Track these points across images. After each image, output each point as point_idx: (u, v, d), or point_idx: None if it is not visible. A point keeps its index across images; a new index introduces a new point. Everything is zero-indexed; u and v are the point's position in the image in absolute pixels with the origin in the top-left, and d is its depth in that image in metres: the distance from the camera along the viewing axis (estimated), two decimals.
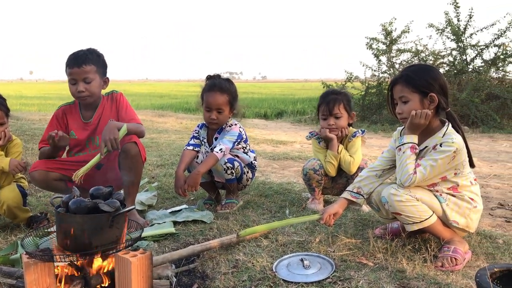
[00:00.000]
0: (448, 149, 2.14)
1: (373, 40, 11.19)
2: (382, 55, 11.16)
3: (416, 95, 2.23)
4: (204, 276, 2.10)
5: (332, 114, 3.13)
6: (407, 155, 2.21)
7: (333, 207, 2.44)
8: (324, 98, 3.20)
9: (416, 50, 10.75)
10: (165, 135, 7.92)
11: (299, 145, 7.20)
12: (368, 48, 11.23)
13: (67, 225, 1.77)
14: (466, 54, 10.26)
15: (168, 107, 16.71)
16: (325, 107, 3.16)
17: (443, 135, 2.21)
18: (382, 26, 11.08)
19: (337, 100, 3.13)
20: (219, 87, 3.10)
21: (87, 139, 2.92)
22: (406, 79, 2.25)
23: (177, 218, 2.88)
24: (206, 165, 3.00)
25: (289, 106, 16.92)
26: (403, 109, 2.27)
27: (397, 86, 2.29)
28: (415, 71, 2.28)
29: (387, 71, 11.21)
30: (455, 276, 2.02)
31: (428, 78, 2.23)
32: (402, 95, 2.26)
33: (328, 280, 1.99)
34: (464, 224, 2.24)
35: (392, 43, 11.03)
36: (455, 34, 10.06)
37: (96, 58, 2.84)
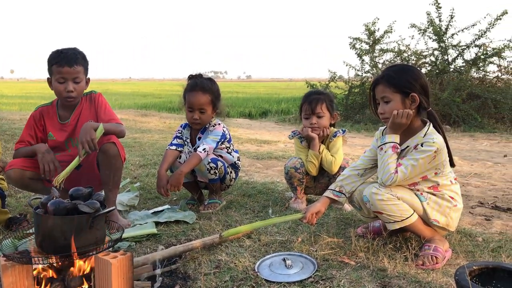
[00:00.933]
0: (429, 149, 2.17)
1: (356, 40, 11.25)
2: (365, 55, 11.21)
3: (397, 95, 2.25)
4: (186, 277, 2.09)
5: (315, 113, 3.15)
6: (389, 155, 2.23)
7: (316, 206, 2.44)
8: (307, 97, 3.22)
9: (399, 50, 10.83)
10: (148, 135, 7.87)
11: (283, 144, 7.21)
12: (351, 48, 11.30)
13: (46, 227, 1.75)
14: (448, 54, 10.38)
15: (151, 107, 16.60)
16: (307, 106, 3.17)
17: (424, 135, 2.23)
18: (365, 26, 11.14)
19: (319, 99, 3.15)
20: (201, 87, 3.09)
21: (66, 140, 2.88)
22: (388, 79, 2.27)
23: (159, 218, 2.86)
24: (189, 165, 2.98)
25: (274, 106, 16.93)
26: (385, 109, 2.29)
27: (379, 86, 2.31)
28: (396, 71, 2.30)
29: (370, 71, 11.27)
30: (435, 275, 2.04)
31: (409, 78, 2.25)
32: (384, 95, 2.28)
33: (310, 280, 2.00)
34: (445, 222, 2.27)
35: (375, 43, 11.11)
36: (437, 34, 10.17)
37: (83, 58, 2.81)
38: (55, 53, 2.76)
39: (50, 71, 2.78)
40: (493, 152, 6.43)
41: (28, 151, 2.81)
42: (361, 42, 11.23)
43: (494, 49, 9.86)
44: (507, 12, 9.70)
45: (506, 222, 2.95)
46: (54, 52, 2.77)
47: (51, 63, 2.76)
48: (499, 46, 9.79)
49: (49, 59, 2.77)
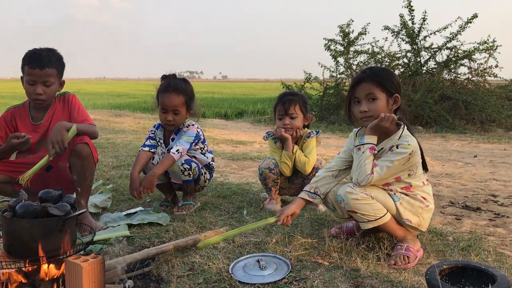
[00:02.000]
0: (404, 151, 2.20)
1: (331, 42, 11.37)
2: (340, 57, 11.34)
3: (384, 94, 2.28)
4: (159, 280, 2.06)
5: (288, 114, 3.16)
6: (366, 156, 2.25)
7: (290, 208, 2.45)
8: (280, 98, 3.23)
9: (373, 51, 10.99)
10: (122, 135, 7.77)
11: (259, 145, 7.21)
12: (326, 49, 11.40)
13: (14, 230, 1.71)
14: (420, 56, 10.58)
15: (125, 107, 16.42)
16: (281, 107, 3.19)
17: (399, 137, 2.26)
18: (340, 28, 11.26)
19: (293, 100, 3.17)
20: (175, 88, 3.06)
21: (38, 142, 2.82)
22: (375, 77, 2.28)
23: (132, 220, 2.82)
24: (162, 167, 2.95)
25: (250, 106, 16.95)
26: (370, 107, 2.28)
27: (364, 84, 2.30)
28: (381, 71, 2.35)
29: (345, 72, 11.40)
30: (407, 274, 2.06)
31: (394, 80, 2.30)
32: (370, 92, 2.28)
33: (284, 281, 2.00)
34: (417, 222, 2.30)
35: (349, 44, 11.24)
36: (410, 36, 10.35)
37: (57, 60, 2.76)
38: (29, 52, 2.70)
39: (23, 70, 2.72)
40: (464, 153, 6.58)
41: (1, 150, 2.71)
42: (335, 44, 11.35)
43: (465, 51, 10.11)
44: (477, 15, 9.95)
45: (475, 221, 3.02)
46: (29, 52, 2.71)
47: (24, 63, 2.70)
48: (469, 48, 10.05)
49: (23, 58, 2.71)
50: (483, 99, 9.81)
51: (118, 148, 6.08)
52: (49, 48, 2.77)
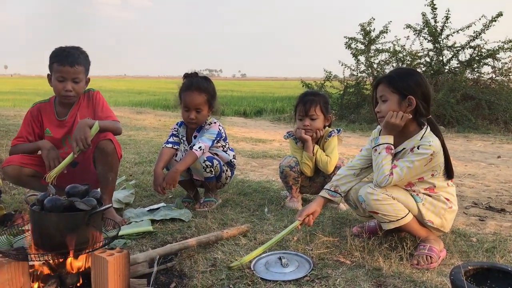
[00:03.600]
0: (425, 151, 2.17)
1: (352, 40, 11.28)
2: (361, 55, 11.25)
3: (395, 95, 2.25)
4: (182, 275, 2.09)
5: (308, 115, 3.15)
6: (383, 156, 2.24)
7: (311, 206, 2.44)
8: (301, 99, 3.22)
9: (394, 50, 10.86)
10: (143, 133, 7.85)
11: (278, 143, 7.21)
12: (347, 48, 11.32)
13: (42, 224, 1.74)
14: (443, 55, 10.43)
15: (146, 104, 16.56)
16: (301, 107, 3.18)
17: (421, 137, 2.24)
18: (361, 26, 11.17)
19: (313, 101, 3.15)
20: (197, 87, 3.08)
21: (63, 138, 2.87)
22: (389, 79, 2.29)
23: (155, 216, 2.85)
24: (185, 163, 2.98)
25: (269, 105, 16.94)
26: (381, 108, 2.31)
27: (380, 86, 2.33)
28: (399, 74, 2.32)
29: (366, 71, 11.32)
30: (430, 274, 2.05)
31: (410, 81, 2.25)
32: (382, 94, 2.29)
33: (306, 279, 2.00)
34: (439, 223, 2.28)
35: (370, 43, 11.14)
36: (432, 35, 10.21)
37: (84, 58, 2.81)
38: (58, 50, 2.75)
39: (51, 68, 2.77)
40: (487, 153, 6.48)
41: (29, 148, 2.80)
42: (356, 42, 11.26)
43: (489, 50, 9.93)
44: (502, 14, 9.76)
45: (500, 222, 2.97)
46: (57, 50, 2.76)
47: (53, 60, 2.75)
48: (493, 47, 9.87)
49: (51, 56, 2.76)
50: (507, 99, 9.64)
51: (140, 145, 6.14)
52: (75, 46, 2.82)
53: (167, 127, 9.01)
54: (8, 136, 6.06)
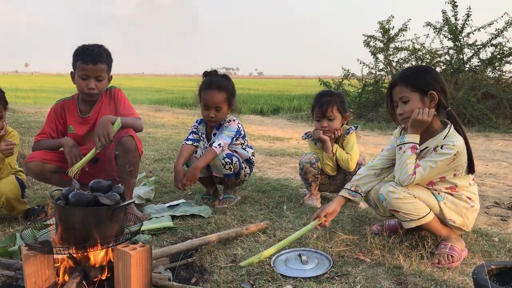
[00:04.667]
0: (448, 151, 2.15)
1: (371, 38, 11.20)
2: (379, 53, 11.16)
3: (416, 94, 2.23)
4: (203, 270, 2.11)
5: (326, 116, 3.14)
6: (408, 155, 2.22)
7: (331, 206, 2.42)
8: (317, 100, 3.20)
9: (413, 48, 10.75)
10: (162, 130, 7.91)
11: (296, 141, 7.20)
12: (365, 46, 11.24)
13: (66, 218, 1.77)
14: (463, 53, 10.28)
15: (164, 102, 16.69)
16: (318, 109, 3.17)
17: (445, 136, 2.21)
18: (380, 24, 11.08)
19: (330, 102, 3.14)
20: (217, 85, 3.10)
21: (86, 134, 2.92)
22: (405, 79, 2.26)
23: (175, 212, 2.88)
24: (204, 160, 3.00)
25: (285, 103, 16.93)
26: (404, 109, 2.27)
27: (396, 88, 2.29)
28: (413, 71, 2.30)
29: (384, 69, 11.23)
30: (451, 273, 2.03)
31: (427, 77, 2.24)
32: (402, 96, 2.26)
33: (326, 276, 2.01)
34: (461, 223, 2.26)
35: (389, 41, 11.04)
36: (452, 33, 10.08)
37: (107, 56, 2.85)
38: (81, 48, 2.79)
39: (74, 66, 2.81)
40: (508, 153, 6.38)
41: (52, 144, 2.85)
42: (375, 40, 11.17)
43: (511, 48, 9.75)
44: None
45: None
46: (80, 48, 2.80)
47: (76, 58, 2.79)
48: None
49: (75, 54, 2.80)
50: None
51: (159, 142, 6.20)
52: (99, 45, 2.86)
53: (185, 125, 9.07)
54: (30, 133, 6.16)
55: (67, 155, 2.70)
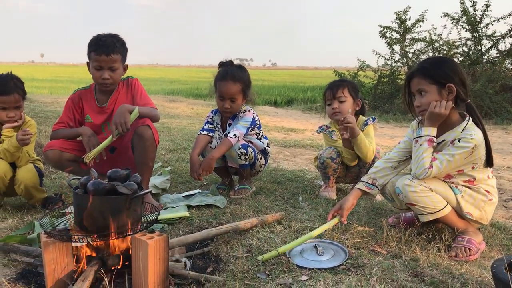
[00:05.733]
0: (466, 145, 2.12)
1: (387, 29, 11.06)
2: (396, 44, 11.04)
3: (434, 86, 2.19)
4: (218, 260, 2.12)
5: (336, 97, 3.10)
6: (424, 148, 2.19)
7: (349, 201, 2.39)
8: (329, 85, 3.22)
9: (430, 39, 10.61)
10: (176, 120, 7.94)
11: (310, 133, 7.18)
12: (381, 37, 11.11)
13: (85, 207, 1.79)
14: (481, 44, 10.11)
15: (178, 93, 16.72)
16: (329, 92, 3.15)
17: (463, 129, 2.18)
18: (396, 15, 10.94)
19: (341, 85, 3.13)
20: (232, 76, 3.09)
21: (103, 124, 2.94)
22: (423, 71, 2.22)
23: (191, 202, 2.90)
24: (220, 150, 3.01)
25: (299, 94, 16.86)
26: (421, 101, 2.23)
27: (414, 79, 2.26)
28: (431, 63, 2.25)
29: (400, 60, 11.11)
30: (469, 267, 2.02)
31: (445, 69, 2.20)
32: (420, 87, 2.23)
33: (342, 267, 2.00)
34: (478, 216, 2.23)
35: (406, 32, 10.90)
36: (471, 24, 9.91)
37: (121, 46, 2.85)
38: (94, 39, 2.80)
39: (89, 56, 2.83)
40: None
41: (70, 133, 2.88)
42: (391, 31, 11.03)
43: None
44: None
45: None
46: (94, 38, 2.81)
47: (90, 49, 2.81)
48: None
49: (89, 45, 2.82)
50: None
51: (174, 132, 6.22)
52: (112, 34, 2.86)
53: (199, 116, 9.09)
54: (47, 122, 6.22)
55: (85, 144, 2.72)
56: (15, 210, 2.81)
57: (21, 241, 2.25)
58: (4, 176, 2.73)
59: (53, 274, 1.77)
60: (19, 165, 2.83)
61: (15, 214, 2.73)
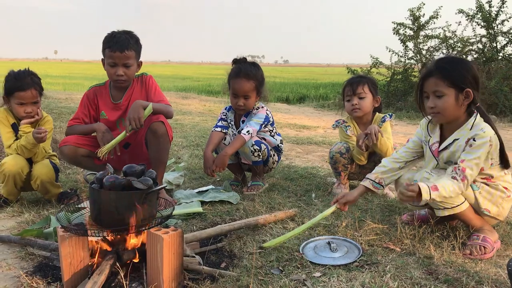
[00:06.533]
0: (483, 140, 2.09)
1: (400, 26, 10.99)
2: (409, 41, 10.96)
3: (452, 90, 2.13)
4: (232, 255, 2.13)
5: (356, 93, 3.09)
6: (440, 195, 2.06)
7: (353, 195, 2.40)
8: (348, 80, 3.21)
9: (444, 36, 10.51)
10: (189, 117, 7.97)
11: (323, 130, 7.17)
12: (394, 34, 11.04)
13: (101, 201, 1.81)
14: (497, 41, 9.99)
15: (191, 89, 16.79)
16: (349, 87, 3.13)
17: (472, 126, 2.15)
18: (410, 11, 10.86)
19: (361, 81, 3.12)
20: (245, 73, 3.09)
21: (117, 120, 2.96)
22: (442, 72, 2.15)
23: (204, 198, 2.91)
24: (233, 147, 3.02)
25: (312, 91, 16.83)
26: (437, 103, 2.17)
27: (431, 79, 2.18)
28: (451, 64, 2.17)
29: (414, 57, 11.02)
30: (484, 265, 2.00)
31: (465, 72, 2.13)
32: (437, 89, 2.15)
33: (355, 264, 2.00)
34: (496, 212, 2.22)
35: (419, 28, 10.82)
36: (486, 20, 9.80)
37: (135, 43, 2.87)
38: (109, 36, 2.83)
39: (104, 53, 2.86)
40: None
41: (85, 129, 2.91)
42: (405, 28, 10.96)
43: None
44: None
45: None
46: (109, 35, 2.83)
47: (104, 46, 2.83)
48: None
49: (103, 42, 2.84)
50: None
51: (186, 129, 6.25)
52: (127, 31, 2.88)
53: (212, 112, 9.11)
54: (61, 119, 6.29)
55: (100, 140, 2.75)
56: (31, 205, 2.85)
57: (38, 235, 2.29)
58: (21, 171, 2.77)
59: (69, 268, 1.79)
60: (36, 161, 2.87)
61: (31, 209, 2.77)
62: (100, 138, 2.77)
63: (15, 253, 2.17)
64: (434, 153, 2.30)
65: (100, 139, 2.77)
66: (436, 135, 2.31)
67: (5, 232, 2.43)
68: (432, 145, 2.31)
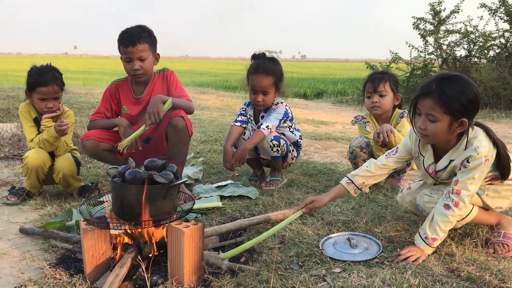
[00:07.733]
0: (477, 162, 1.97)
1: (420, 20, 10.85)
2: (429, 36, 10.81)
3: (447, 117, 1.98)
4: (251, 250, 2.13)
5: (377, 91, 3.07)
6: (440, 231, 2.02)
7: (323, 202, 2.29)
8: (370, 76, 3.18)
9: (466, 31, 10.35)
10: (207, 112, 8.00)
11: (341, 125, 7.13)
12: (414, 29, 10.91)
13: (123, 195, 1.83)
14: None
15: (208, 85, 16.83)
16: (370, 84, 3.11)
17: (465, 147, 2.03)
18: (431, 6, 10.71)
19: (383, 78, 3.09)
20: (264, 69, 3.08)
21: (139, 114, 2.99)
22: (441, 96, 1.96)
23: (223, 192, 2.92)
24: (252, 142, 3.02)
25: (329, 87, 16.73)
26: (428, 127, 2.03)
27: (428, 100, 2.01)
28: (453, 91, 1.96)
29: (434, 52, 10.88)
30: (507, 263, 1.97)
31: (465, 101, 1.96)
32: (431, 113, 2.01)
33: (376, 260, 1.99)
34: (508, 205, 2.19)
35: (440, 23, 10.67)
36: (509, 14, 9.61)
37: (148, 35, 2.88)
38: (122, 33, 2.86)
39: (119, 50, 2.88)
40: None
41: (107, 124, 2.94)
42: (425, 23, 10.82)
43: None
44: None
45: None
46: (122, 32, 2.86)
47: (119, 43, 2.87)
48: None
49: (118, 39, 2.88)
50: None
51: (205, 124, 6.28)
52: (139, 25, 2.90)
53: (229, 108, 9.13)
54: (81, 113, 6.37)
55: (121, 135, 2.78)
56: (53, 198, 2.90)
57: (60, 227, 2.32)
58: (44, 164, 2.81)
59: (91, 260, 1.82)
60: (58, 154, 2.91)
61: (54, 202, 2.82)
62: (122, 132, 2.80)
63: (38, 245, 2.21)
64: (432, 175, 2.21)
65: (122, 134, 2.80)
66: (430, 155, 2.20)
67: (28, 224, 2.48)
68: (428, 167, 2.21)
